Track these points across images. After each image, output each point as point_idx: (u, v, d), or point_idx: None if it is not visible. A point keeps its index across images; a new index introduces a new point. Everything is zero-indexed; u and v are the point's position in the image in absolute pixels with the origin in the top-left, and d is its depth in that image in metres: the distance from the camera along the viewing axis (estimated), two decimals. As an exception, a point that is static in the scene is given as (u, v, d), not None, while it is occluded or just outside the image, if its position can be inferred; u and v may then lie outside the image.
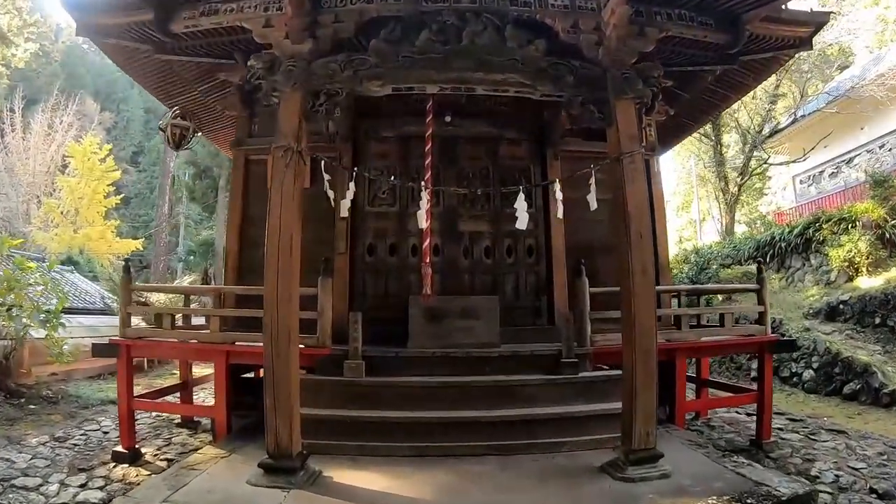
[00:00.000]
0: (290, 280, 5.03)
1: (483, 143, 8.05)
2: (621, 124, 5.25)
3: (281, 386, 4.90)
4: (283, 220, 5.03)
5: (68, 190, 25.06)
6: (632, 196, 5.16)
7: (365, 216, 7.82)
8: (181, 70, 7.71)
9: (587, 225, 7.54)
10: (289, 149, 5.09)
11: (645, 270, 5.08)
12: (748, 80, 8.04)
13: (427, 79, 5.67)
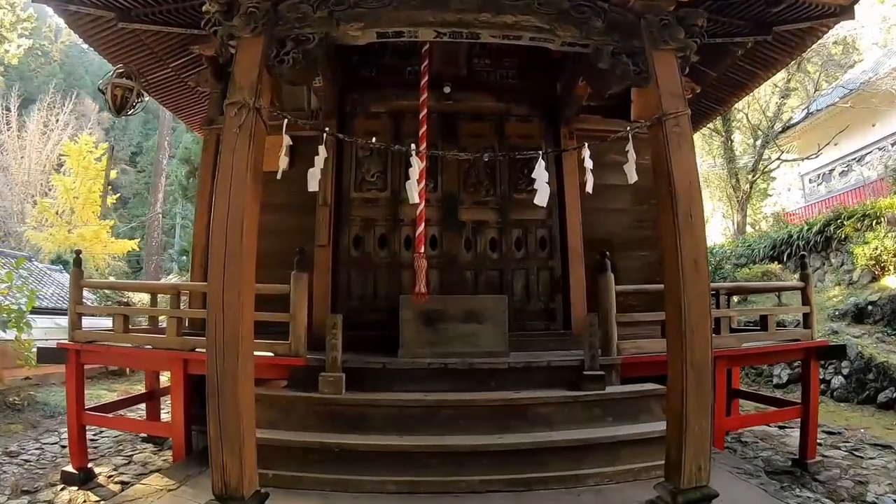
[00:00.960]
0: (241, 274, 3.93)
1: (487, 119, 7.09)
2: (661, 80, 4.31)
3: (228, 410, 3.82)
4: (232, 197, 3.96)
5: (63, 189, 24.35)
6: (679, 167, 4.18)
7: (350, 202, 6.85)
8: (152, 43, 6.98)
9: (606, 215, 6.92)
10: (244, 105, 4.05)
11: (697, 263, 4.08)
12: (780, 55, 7.13)
13: (420, 21, 4.53)
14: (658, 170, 4.36)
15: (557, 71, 6.93)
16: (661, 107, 4.29)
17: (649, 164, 6.66)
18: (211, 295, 3.93)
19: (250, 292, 4.05)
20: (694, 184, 4.25)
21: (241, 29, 4.29)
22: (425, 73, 5.79)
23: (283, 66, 4.41)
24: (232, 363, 3.85)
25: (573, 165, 6.52)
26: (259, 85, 4.20)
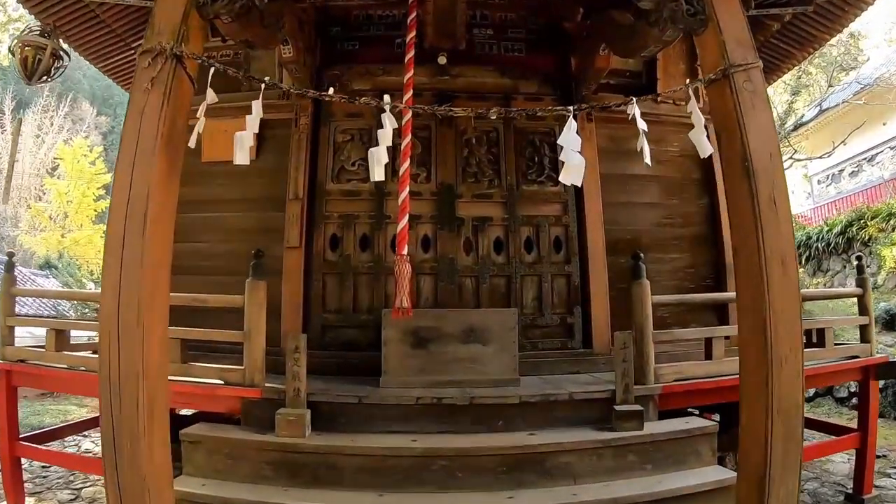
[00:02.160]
0: (143, 286, 2.89)
1: (490, 98, 5.75)
2: (723, 22, 3.37)
3: (130, 483, 2.76)
4: (135, 179, 2.95)
5: (57, 193, 24.05)
6: (756, 135, 3.20)
7: (327, 196, 5.63)
8: (111, 21, 6.05)
9: (631, 211, 5.80)
10: (160, 53, 3.06)
11: (786, 264, 3.12)
12: (819, 30, 6.28)
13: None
14: (726, 141, 3.36)
15: (572, 41, 5.91)
16: (725, 57, 3.31)
17: (677, 151, 5.69)
18: (102, 316, 2.87)
19: (159, 312, 2.99)
20: (776, 157, 3.27)
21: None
22: (413, 28, 4.59)
23: (217, 3, 3.34)
24: (130, 412, 2.76)
25: (592, 152, 5.44)
26: (183, 28, 3.20)
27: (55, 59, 5.41)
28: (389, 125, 3.29)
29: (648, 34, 3.83)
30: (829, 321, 5.68)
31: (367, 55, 5.73)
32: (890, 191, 15.45)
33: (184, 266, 5.12)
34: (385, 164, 3.41)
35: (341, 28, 5.77)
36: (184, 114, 3.25)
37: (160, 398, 2.89)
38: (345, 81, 5.65)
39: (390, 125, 3.30)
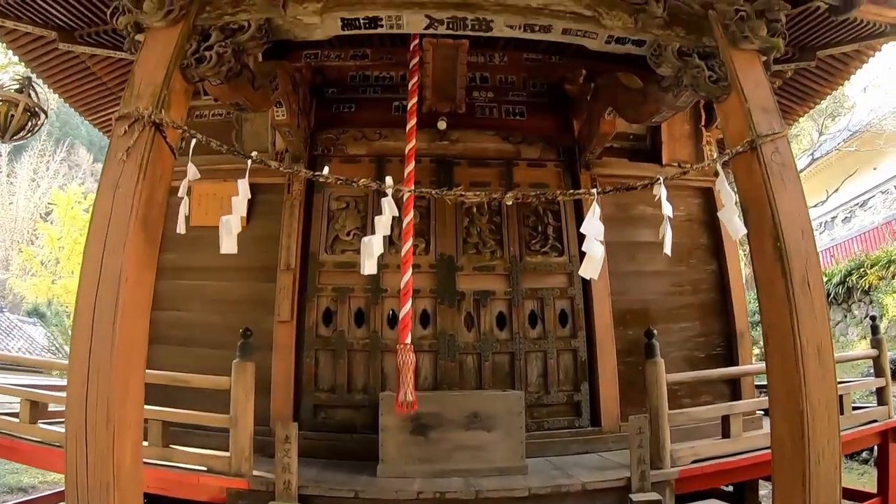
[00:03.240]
0: (115, 378, 2.58)
1: (492, 164, 5.60)
2: (747, 89, 3.19)
3: None
4: (107, 256, 2.67)
5: (49, 238, 23.15)
6: (786, 212, 3.01)
7: (320, 267, 5.23)
8: (100, 72, 5.83)
9: (639, 280, 5.49)
10: (137, 120, 2.84)
11: (822, 351, 2.90)
12: (821, 85, 6.16)
13: (405, 1, 3.18)
14: (755, 217, 3.15)
15: (575, 104, 5.68)
16: (752, 127, 3.12)
17: (684, 216, 5.42)
18: (68, 416, 2.57)
19: (132, 411, 2.65)
20: (808, 235, 3.04)
21: (153, 15, 3.12)
22: (413, 94, 4.38)
23: (204, 65, 3.11)
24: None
25: (600, 217, 5.11)
26: (164, 92, 2.96)
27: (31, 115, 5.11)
28: (389, 211, 2.99)
29: (661, 99, 3.61)
30: (846, 387, 5.42)
31: (364, 118, 5.51)
32: (887, 235, 15.37)
33: (167, 336, 4.89)
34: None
35: (337, 89, 5.56)
36: (163, 187, 2.97)
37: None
38: (340, 145, 5.42)
39: (390, 212, 2.99)
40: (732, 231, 3.23)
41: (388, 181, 3.05)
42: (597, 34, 3.25)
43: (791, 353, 2.86)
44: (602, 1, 3.19)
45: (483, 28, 3.24)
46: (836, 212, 19.35)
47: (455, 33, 3.32)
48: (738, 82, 3.17)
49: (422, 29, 3.29)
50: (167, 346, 4.77)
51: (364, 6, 3.12)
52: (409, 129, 4.16)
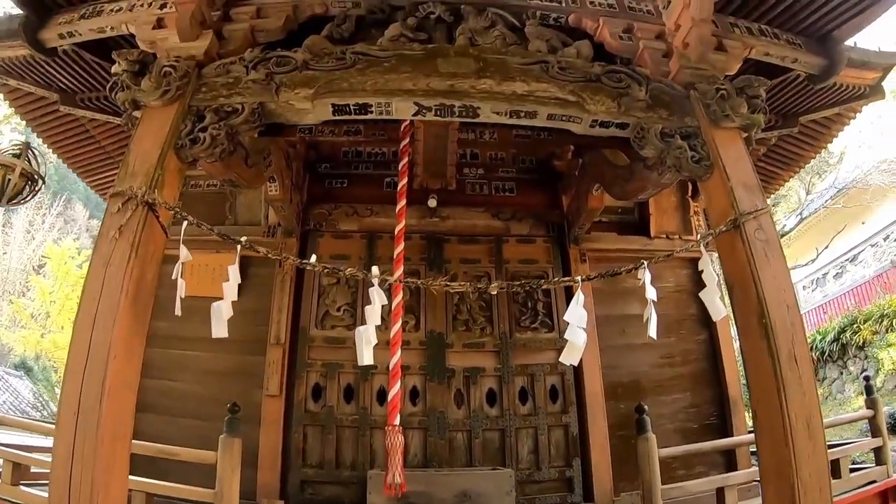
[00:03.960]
0: (100, 458, 2.54)
1: (482, 241, 5.69)
2: (729, 167, 3.26)
3: None
4: (96, 336, 2.66)
5: (41, 292, 22.83)
6: (771, 288, 3.02)
7: (311, 342, 5.22)
8: (100, 136, 5.95)
9: (629, 353, 5.45)
10: (131, 198, 2.89)
11: (811, 426, 2.90)
12: (804, 150, 6.31)
13: (395, 88, 3.24)
14: (739, 294, 3.14)
15: (564, 179, 5.81)
16: (734, 206, 3.14)
17: (672, 287, 5.43)
18: (51, 496, 2.53)
19: (116, 494, 2.62)
20: (793, 310, 3.04)
21: (150, 94, 3.22)
22: (404, 175, 4.45)
23: (197, 146, 3.14)
24: None
25: (588, 295, 5.06)
26: (158, 171, 3.01)
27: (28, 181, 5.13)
28: (378, 301, 2.98)
29: (646, 178, 3.65)
30: (843, 450, 5.35)
31: (356, 193, 5.62)
32: (878, 288, 15.21)
33: (155, 405, 4.83)
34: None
35: (330, 164, 5.66)
36: (154, 266, 2.98)
37: None
38: (332, 221, 5.49)
39: (379, 301, 2.99)
40: (714, 313, 3.24)
41: (374, 271, 3.07)
42: (581, 119, 3.31)
43: (780, 430, 2.85)
44: (586, 86, 3.27)
45: (470, 115, 3.31)
46: (828, 268, 19.16)
47: (443, 119, 3.39)
48: (720, 161, 3.22)
49: (410, 115, 3.36)
50: (155, 414, 4.72)
51: (354, 93, 3.18)
52: (399, 209, 4.22)
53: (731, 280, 3.18)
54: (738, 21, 4.03)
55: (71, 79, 4.74)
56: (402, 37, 3.45)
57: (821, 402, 9.77)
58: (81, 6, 4.01)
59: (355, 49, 3.28)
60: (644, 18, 3.85)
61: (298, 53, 3.27)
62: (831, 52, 4.21)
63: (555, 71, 3.28)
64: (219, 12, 3.63)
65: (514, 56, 3.34)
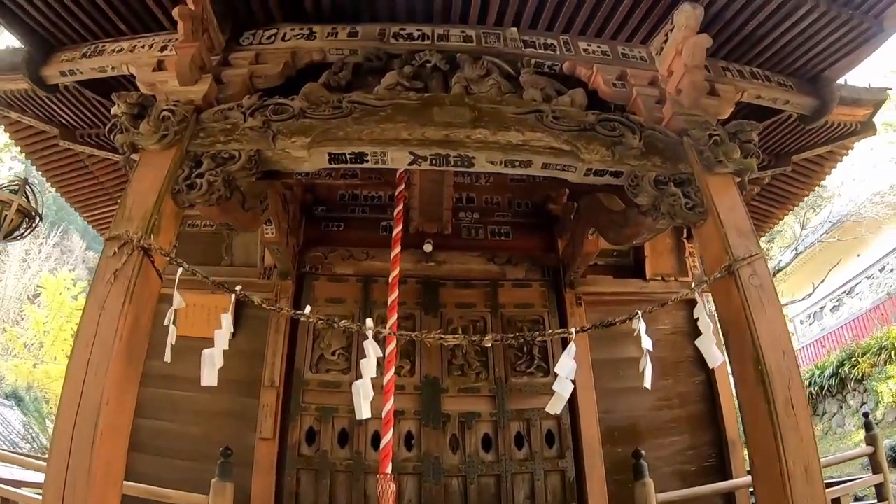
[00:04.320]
0: (94, 488, 2.51)
1: (477, 285, 5.66)
2: (723, 213, 3.25)
3: None
4: (89, 380, 2.63)
5: (35, 321, 22.78)
6: (766, 335, 2.99)
7: (305, 385, 5.16)
8: (99, 172, 6.01)
9: (626, 397, 5.35)
10: (126, 243, 2.88)
11: (809, 471, 2.85)
12: (798, 188, 6.37)
13: (390, 138, 3.27)
14: (735, 341, 3.13)
15: (559, 223, 5.80)
16: (729, 251, 3.13)
17: (669, 329, 5.41)
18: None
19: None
20: (790, 356, 3.01)
21: (148, 137, 3.21)
22: (399, 222, 4.45)
23: (194, 192, 3.13)
24: None
25: (583, 339, 5.13)
26: (155, 216, 3.01)
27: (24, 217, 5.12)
28: (373, 354, 2.95)
29: (641, 223, 3.65)
30: (844, 487, 5.29)
31: (352, 237, 5.61)
32: (875, 320, 15.12)
33: (147, 445, 4.74)
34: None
35: (326, 207, 5.66)
36: (148, 311, 2.96)
37: None
38: (328, 264, 5.47)
39: (374, 354, 2.95)
40: (710, 360, 3.22)
41: (368, 323, 3.04)
42: (576, 167, 3.33)
43: (778, 477, 2.80)
44: (580, 135, 3.29)
45: (465, 164, 3.33)
46: (824, 301, 19.08)
47: (438, 168, 3.40)
48: (714, 207, 3.21)
49: (406, 165, 3.38)
50: (147, 455, 4.63)
51: (351, 142, 3.20)
52: (394, 256, 4.21)
53: (726, 326, 3.17)
54: (730, 65, 4.07)
55: (71, 114, 4.78)
56: (398, 85, 3.47)
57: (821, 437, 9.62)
58: (83, 45, 4.05)
59: (352, 98, 3.30)
60: (637, 65, 3.90)
61: (296, 101, 3.29)
62: (822, 92, 4.25)
63: (549, 120, 3.31)
64: (218, 57, 3.66)
65: (509, 105, 3.36)
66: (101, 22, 3.88)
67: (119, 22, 3.87)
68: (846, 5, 3.81)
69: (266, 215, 4.06)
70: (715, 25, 3.78)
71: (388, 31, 3.77)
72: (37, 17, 3.84)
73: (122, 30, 3.93)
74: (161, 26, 3.86)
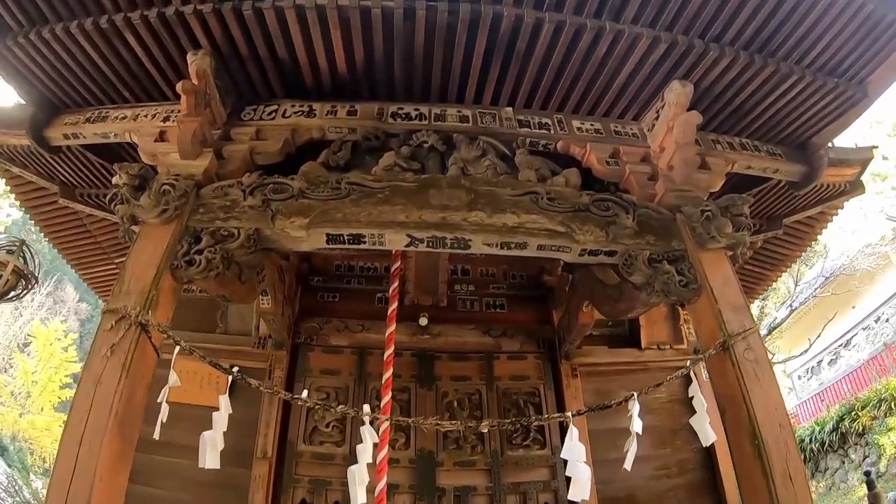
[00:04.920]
0: None
1: (472, 358, 5.61)
2: (717, 289, 3.27)
3: None
4: (81, 456, 2.59)
5: (23, 370, 22.56)
6: (762, 408, 3.00)
7: (298, 457, 5.04)
8: (96, 232, 6.02)
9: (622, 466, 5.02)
10: (124, 317, 2.87)
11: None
12: (790, 249, 6.40)
13: (388, 221, 3.33)
14: (731, 415, 3.14)
15: (555, 295, 5.82)
16: (723, 328, 3.14)
17: (665, 398, 5.44)
18: None
19: None
20: (786, 428, 3.02)
21: (149, 211, 3.25)
22: (395, 299, 4.44)
23: (193, 268, 3.14)
24: None
25: (579, 407, 5.00)
26: (153, 291, 3.01)
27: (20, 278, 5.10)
28: (370, 439, 2.93)
29: (635, 298, 3.68)
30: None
31: (347, 308, 5.59)
32: (874, 371, 15.09)
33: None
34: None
35: (322, 278, 5.66)
36: (143, 387, 2.94)
37: None
38: (323, 335, 5.43)
39: (370, 440, 2.93)
40: (703, 439, 3.22)
41: (365, 409, 3.03)
42: (571, 248, 3.37)
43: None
44: (575, 216, 3.35)
45: (461, 246, 3.37)
46: (822, 355, 19.02)
47: (435, 250, 3.43)
48: (707, 283, 3.25)
49: (403, 247, 3.41)
50: (139, 522, 4.50)
51: (348, 224, 3.24)
52: (389, 334, 4.19)
53: (722, 402, 3.16)
54: (720, 137, 4.17)
55: (72, 173, 4.82)
56: (395, 166, 3.53)
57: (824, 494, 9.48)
58: (87, 109, 4.12)
59: (350, 179, 3.36)
60: (629, 142, 3.97)
61: (295, 181, 3.34)
62: (811, 158, 4.35)
63: (544, 202, 3.37)
64: (220, 131, 3.71)
65: (504, 187, 3.42)
66: (105, 89, 3.96)
67: (123, 90, 3.94)
68: (831, 74, 3.93)
69: (262, 286, 4.08)
70: (704, 100, 3.88)
71: (386, 109, 3.82)
72: (44, 79, 3.92)
73: (126, 97, 3.99)
74: (164, 96, 3.94)
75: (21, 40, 3.69)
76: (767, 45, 3.71)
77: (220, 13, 3.42)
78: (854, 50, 3.79)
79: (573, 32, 3.48)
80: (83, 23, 3.54)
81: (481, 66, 3.64)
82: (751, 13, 3.52)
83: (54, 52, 3.72)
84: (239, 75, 3.75)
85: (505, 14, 3.35)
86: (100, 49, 3.64)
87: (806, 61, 3.81)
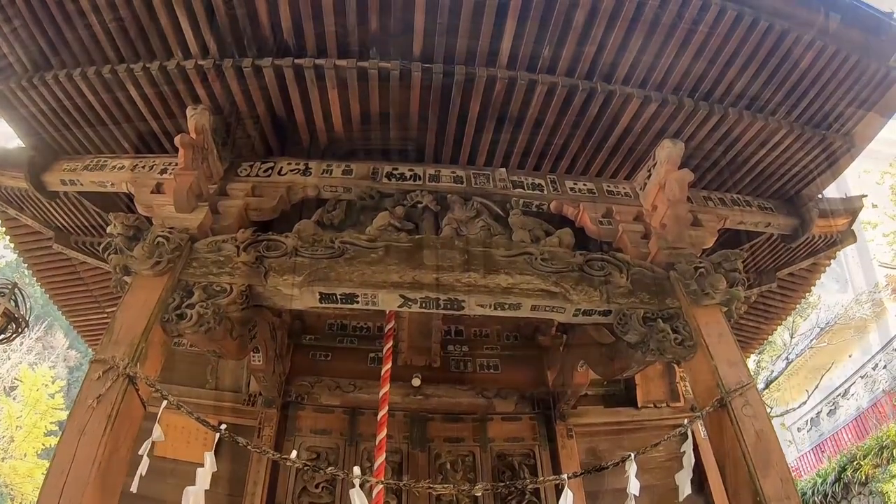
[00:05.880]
0: None
1: (466, 419, 5.50)
2: (713, 346, 3.26)
3: None
4: (65, 496, 2.56)
5: (8, 414, 22.20)
6: (762, 463, 2.96)
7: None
8: (89, 279, 6.01)
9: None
10: (111, 368, 2.84)
11: None
12: (784, 302, 6.46)
13: (381, 281, 3.31)
14: (731, 472, 3.10)
15: (549, 356, 5.73)
16: (720, 384, 3.13)
17: (663, 456, 5.24)
18: None
19: None
20: (788, 483, 2.96)
21: (142, 262, 3.22)
22: (388, 360, 4.39)
23: (184, 322, 3.12)
24: None
25: (574, 468, 5.00)
26: (143, 344, 2.98)
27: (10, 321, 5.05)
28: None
29: (630, 356, 3.63)
30: None
31: (339, 367, 5.48)
32: (873, 419, 15.09)
33: None
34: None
35: (315, 336, 5.58)
36: (129, 439, 2.89)
37: None
38: (314, 394, 5.33)
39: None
40: (681, 492, 3.22)
41: (356, 471, 2.96)
42: (565, 308, 3.36)
43: None
44: (568, 276, 3.35)
45: (455, 307, 3.35)
46: (820, 406, 18.84)
47: (428, 311, 3.41)
48: (702, 340, 3.27)
49: (396, 307, 3.40)
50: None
51: (342, 283, 3.23)
52: (382, 395, 4.14)
53: (722, 460, 3.15)
54: (711, 194, 4.22)
55: (67, 219, 4.84)
56: (390, 226, 3.55)
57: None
58: (86, 157, 4.16)
59: (344, 238, 3.37)
60: (622, 201, 4.00)
61: (289, 239, 3.34)
62: (802, 210, 4.40)
63: (538, 262, 3.38)
64: (215, 186, 3.72)
65: (498, 248, 3.43)
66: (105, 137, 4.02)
67: (122, 139, 4.01)
68: (818, 126, 4.03)
69: (254, 343, 4.04)
70: (695, 158, 3.96)
71: (381, 170, 3.86)
72: (45, 123, 3.99)
73: (125, 147, 4.05)
74: (162, 148, 4.00)
75: (24, 84, 3.76)
76: (756, 101, 3.81)
77: (220, 69, 3.52)
78: (840, 101, 3.90)
79: (565, 94, 3.57)
80: (86, 70, 3.62)
81: (475, 127, 3.72)
82: (739, 70, 3.63)
83: (56, 98, 3.79)
84: (237, 131, 3.81)
85: (499, 76, 3.44)
86: (101, 97, 3.72)
87: (793, 115, 3.92)
